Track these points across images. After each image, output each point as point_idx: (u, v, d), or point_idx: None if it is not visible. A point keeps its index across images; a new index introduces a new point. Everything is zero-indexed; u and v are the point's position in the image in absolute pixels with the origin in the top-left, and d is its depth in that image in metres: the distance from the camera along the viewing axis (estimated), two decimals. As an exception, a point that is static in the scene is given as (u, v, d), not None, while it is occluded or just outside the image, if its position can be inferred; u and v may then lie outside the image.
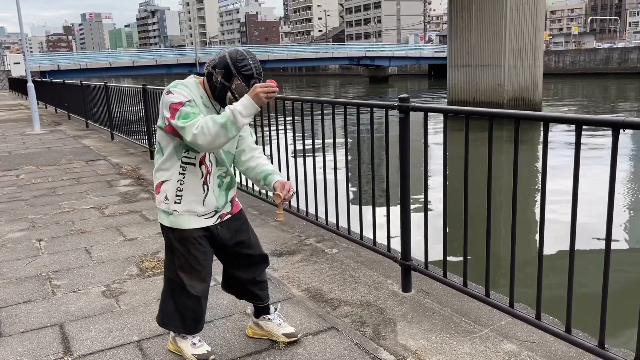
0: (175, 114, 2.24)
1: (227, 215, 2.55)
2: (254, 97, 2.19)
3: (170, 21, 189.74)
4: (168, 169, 2.40)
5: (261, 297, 2.72)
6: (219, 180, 2.48)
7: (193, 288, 2.47)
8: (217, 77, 2.29)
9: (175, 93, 2.28)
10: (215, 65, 2.30)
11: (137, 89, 8.63)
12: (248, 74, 2.27)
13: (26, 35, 17.68)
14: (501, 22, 23.97)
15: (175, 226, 2.43)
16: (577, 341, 2.39)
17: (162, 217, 2.47)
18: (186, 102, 2.26)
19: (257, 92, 2.18)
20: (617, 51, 53.32)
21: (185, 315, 2.53)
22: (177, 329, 2.58)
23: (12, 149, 10.60)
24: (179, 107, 2.24)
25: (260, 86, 2.19)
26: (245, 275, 2.64)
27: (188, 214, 2.41)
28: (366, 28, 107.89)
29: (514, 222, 2.61)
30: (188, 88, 2.33)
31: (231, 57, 2.28)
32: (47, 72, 42.56)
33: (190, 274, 2.47)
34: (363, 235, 3.81)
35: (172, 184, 2.40)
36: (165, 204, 2.42)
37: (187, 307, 2.51)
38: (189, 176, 2.39)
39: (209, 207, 2.44)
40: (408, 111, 3.12)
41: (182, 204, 2.40)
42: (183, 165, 2.38)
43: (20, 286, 3.63)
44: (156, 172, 2.46)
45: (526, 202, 9.72)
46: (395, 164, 3.24)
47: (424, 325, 2.87)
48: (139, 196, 6.14)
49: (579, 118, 2.26)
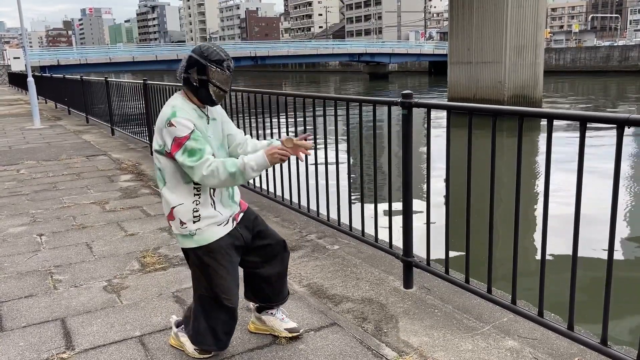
0: (179, 149, 2.24)
1: (240, 214, 2.57)
2: (269, 156, 2.28)
3: (170, 17, 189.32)
4: (178, 194, 2.37)
5: (284, 293, 2.73)
6: (224, 188, 2.49)
7: (229, 300, 2.44)
8: (194, 76, 2.30)
9: (177, 125, 2.25)
10: (187, 68, 2.31)
11: (138, 84, 8.61)
12: (217, 58, 2.30)
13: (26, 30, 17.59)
14: (502, 19, 23.92)
15: (203, 243, 2.41)
16: (579, 338, 2.39)
17: (183, 241, 2.44)
18: (190, 135, 2.24)
19: (273, 152, 2.28)
20: (617, 49, 53.24)
21: (217, 331, 2.50)
22: (210, 347, 2.54)
23: (13, 143, 10.58)
24: (184, 142, 2.24)
25: (278, 148, 2.29)
26: (272, 270, 2.63)
27: (210, 227, 2.40)
28: (367, 25, 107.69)
29: (516, 219, 2.61)
30: (184, 111, 2.29)
31: (196, 53, 2.31)
32: (46, 67, 42.47)
33: (223, 286, 2.44)
34: (365, 231, 3.81)
35: (185, 207, 2.38)
36: (184, 228, 2.39)
37: (220, 322, 2.48)
38: (203, 194, 2.40)
39: (224, 214, 2.45)
40: (411, 107, 3.11)
41: (201, 220, 2.39)
42: (196, 186, 2.37)
43: (21, 281, 3.63)
44: (164, 198, 2.41)
45: (528, 199, 9.72)
46: (397, 160, 3.24)
47: (426, 322, 2.88)
48: (140, 191, 6.13)
49: (584, 115, 2.26)
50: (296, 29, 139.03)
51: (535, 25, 24.27)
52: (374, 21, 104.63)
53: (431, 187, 3.22)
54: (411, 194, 3.25)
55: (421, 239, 3.34)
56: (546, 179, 2.46)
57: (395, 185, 3.48)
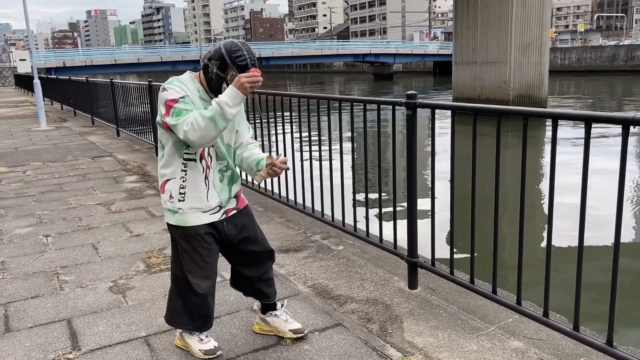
0: (169, 111, 2.26)
1: (233, 210, 2.54)
2: (239, 87, 2.19)
3: (175, 18, 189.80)
4: (170, 167, 2.40)
5: (268, 294, 2.73)
6: (220, 175, 2.47)
7: (198, 286, 2.47)
8: (213, 69, 2.30)
9: (169, 90, 2.29)
10: (211, 57, 2.31)
11: (143, 86, 8.63)
12: (243, 64, 2.28)
13: (32, 32, 17.64)
14: (507, 19, 23.85)
15: (181, 224, 2.43)
16: (585, 339, 2.38)
17: (168, 215, 2.47)
18: (179, 98, 2.26)
19: (241, 82, 2.18)
20: (623, 48, 52.98)
21: (193, 313, 2.53)
22: (186, 326, 2.58)
23: (19, 145, 10.64)
24: (172, 104, 2.25)
25: (244, 76, 2.19)
26: (252, 273, 2.65)
27: (193, 211, 2.41)
28: (371, 25, 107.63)
29: (521, 219, 2.61)
30: (183, 83, 2.33)
31: (226, 48, 2.29)
32: (52, 68, 42.69)
33: (196, 272, 2.47)
34: (369, 232, 3.81)
35: (175, 182, 2.40)
36: (171, 202, 2.42)
37: (194, 305, 2.52)
38: (190, 172, 2.39)
39: (212, 202, 2.44)
40: (415, 108, 3.10)
41: (185, 201, 2.40)
42: (185, 162, 2.38)
43: (28, 281, 3.65)
44: (160, 170, 2.46)
45: (533, 199, 9.69)
46: (401, 160, 3.24)
47: (431, 322, 2.87)
48: (145, 192, 6.16)
49: (589, 115, 2.25)
50: (300, 29, 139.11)
51: (540, 24, 24.19)
52: (378, 21, 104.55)
53: (436, 188, 3.21)
54: (416, 194, 3.24)
55: (426, 239, 3.34)
56: (551, 179, 2.45)
57: (400, 186, 3.48)
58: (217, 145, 2.42)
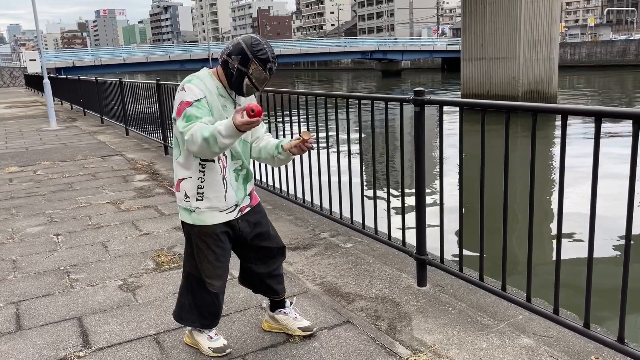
0: (181, 114, 2.24)
1: (247, 208, 2.56)
2: (238, 125, 2.07)
3: (183, 17, 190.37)
4: (187, 166, 2.39)
5: (277, 291, 2.73)
6: (235, 174, 2.48)
7: (212, 285, 2.49)
8: (234, 64, 2.28)
9: (187, 90, 2.27)
10: (231, 53, 2.29)
11: (152, 85, 8.67)
12: (264, 57, 2.28)
13: (41, 32, 17.83)
14: (516, 14, 23.66)
15: (198, 223, 2.43)
16: (596, 336, 2.36)
17: (183, 214, 2.47)
18: (194, 102, 2.23)
19: (238, 123, 2.05)
20: (634, 43, 52.44)
21: (202, 310, 2.55)
22: (194, 323, 2.60)
23: (29, 144, 10.73)
24: (185, 107, 2.23)
25: (243, 121, 2.05)
26: (262, 269, 2.65)
27: (210, 210, 2.41)
28: (379, 22, 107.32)
29: (531, 216, 2.59)
30: (202, 81, 2.32)
31: (246, 43, 2.28)
32: (62, 68, 42.94)
33: (209, 271, 2.48)
34: (377, 229, 3.80)
35: (192, 182, 2.40)
36: (187, 201, 2.42)
37: (205, 302, 2.53)
38: (208, 173, 2.38)
39: (230, 201, 2.45)
40: (423, 104, 3.09)
41: (204, 200, 2.40)
42: (202, 162, 2.37)
43: (39, 280, 3.68)
44: (175, 168, 2.46)
45: (543, 196, 9.62)
46: (410, 157, 3.23)
47: (440, 320, 2.86)
48: (154, 191, 6.19)
49: (599, 110, 2.23)
50: (308, 27, 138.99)
51: (549, 19, 23.97)
52: (386, 18, 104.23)
53: (444, 185, 3.20)
54: (424, 191, 3.23)
55: (434, 236, 3.33)
56: (561, 176, 2.44)
57: (408, 183, 3.47)
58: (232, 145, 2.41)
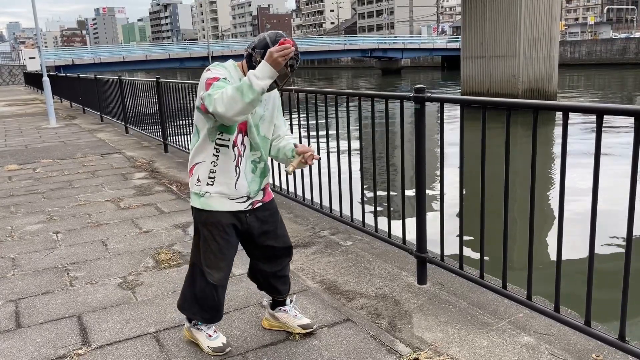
0: (209, 88, 2.27)
1: (259, 203, 2.55)
2: (271, 61, 2.15)
3: (182, 15, 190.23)
4: (202, 151, 2.42)
5: (281, 291, 2.73)
6: (252, 165, 2.48)
7: (211, 276, 2.48)
8: (257, 58, 2.30)
9: (212, 70, 2.34)
10: (255, 47, 2.32)
11: (151, 83, 8.66)
12: None
13: (41, 30, 17.76)
14: (516, 12, 23.65)
15: (205, 207, 2.44)
16: (597, 334, 2.36)
17: (193, 199, 2.49)
18: (221, 77, 2.28)
19: (273, 55, 2.15)
20: (634, 41, 52.41)
21: (203, 303, 2.54)
22: (194, 316, 2.60)
23: (29, 142, 10.71)
24: (213, 82, 2.27)
25: (275, 50, 2.15)
26: (267, 268, 2.65)
27: (220, 196, 2.42)
28: (378, 20, 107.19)
29: (531, 213, 2.58)
30: (226, 68, 2.38)
31: (270, 37, 2.31)
32: (61, 66, 42.91)
33: (210, 261, 2.48)
34: (378, 227, 3.79)
35: (205, 166, 2.42)
36: (197, 185, 2.44)
37: (205, 294, 2.52)
38: (222, 158, 2.40)
39: (240, 190, 2.45)
40: (424, 102, 3.08)
41: (214, 185, 2.42)
42: (217, 147, 2.39)
43: (38, 278, 3.68)
44: (191, 154, 2.48)
45: (543, 193, 9.62)
46: (410, 155, 3.22)
47: (440, 318, 2.86)
48: (154, 189, 6.18)
49: (600, 107, 2.22)
50: (308, 25, 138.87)
51: (549, 17, 23.97)
52: (385, 16, 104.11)
53: (445, 183, 3.19)
54: (424, 189, 3.22)
55: (435, 234, 3.32)
56: (562, 173, 2.43)
57: (408, 181, 3.46)
58: (251, 135, 2.44)
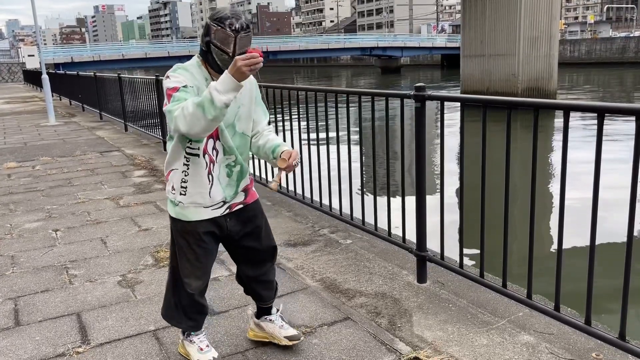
0: (169, 100, 2.12)
1: (239, 205, 2.41)
2: (235, 72, 1.94)
3: (182, 13, 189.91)
4: (175, 158, 2.30)
5: (264, 297, 2.59)
6: (227, 170, 2.34)
7: (188, 285, 2.37)
8: (202, 45, 2.18)
9: (171, 78, 2.15)
10: (202, 36, 2.19)
11: (151, 80, 8.64)
12: (220, 16, 2.13)
13: (40, 28, 17.71)
14: (516, 11, 23.65)
15: (180, 217, 2.33)
16: (597, 333, 2.35)
17: (169, 206, 2.39)
18: (180, 87, 2.11)
19: (237, 65, 1.92)
20: (633, 40, 52.39)
21: (186, 310, 2.43)
22: (179, 324, 2.48)
23: (28, 140, 10.70)
24: (172, 93, 2.11)
25: (240, 58, 1.93)
26: (250, 272, 2.52)
27: (193, 206, 2.30)
28: (378, 18, 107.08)
29: (532, 212, 2.57)
30: (188, 71, 2.19)
31: (212, 18, 2.17)
32: (60, 64, 42.89)
33: (187, 270, 2.36)
34: (377, 226, 3.79)
35: (178, 174, 2.30)
36: (172, 193, 2.33)
37: (186, 302, 2.42)
38: (192, 167, 2.27)
39: (215, 197, 2.32)
40: (424, 100, 3.07)
41: (187, 195, 2.29)
42: (187, 156, 2.25)
43: (37, 276, 3.67)
44: (167, 158, 2.36)
45: (544, 192, 9.62)
46: (410, 153, 3.21)
47: (440, 316, 2.85)
48: (153, 187, 6.17)
49: (601, 106, 2.21)
50: (307, 23, 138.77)
51: (549, 16, 23.97)
52: (385, 14, 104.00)
53: (445, 181, 3.19)
54: (424, 187, 3.22)
55: (435, 233, 3.32)
56: (562, 172, 2.42)
57: (409, 179, 3.45)
58: (224, 139, 2.27)
